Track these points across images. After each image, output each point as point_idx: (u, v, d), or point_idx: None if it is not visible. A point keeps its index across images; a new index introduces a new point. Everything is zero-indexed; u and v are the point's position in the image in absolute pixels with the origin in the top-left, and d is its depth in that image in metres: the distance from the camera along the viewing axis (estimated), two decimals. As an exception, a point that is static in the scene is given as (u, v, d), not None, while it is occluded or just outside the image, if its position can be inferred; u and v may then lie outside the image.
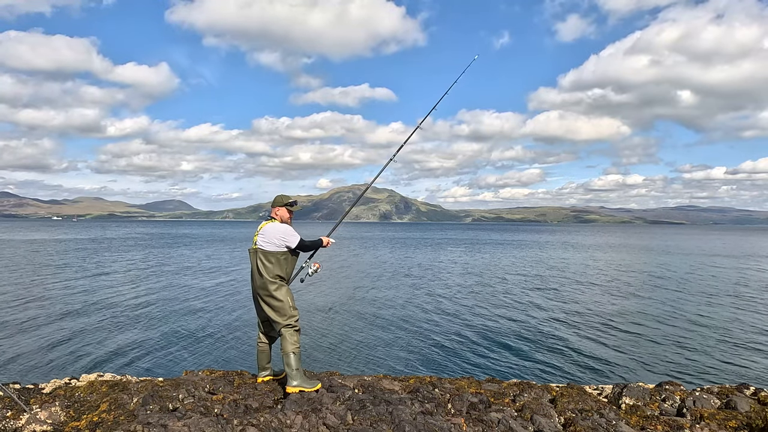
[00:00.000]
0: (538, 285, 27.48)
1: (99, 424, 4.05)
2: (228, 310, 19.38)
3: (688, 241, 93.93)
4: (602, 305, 20.95)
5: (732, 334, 15.75)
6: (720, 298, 23.08)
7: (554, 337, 15.23)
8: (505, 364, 12.60)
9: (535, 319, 17.93)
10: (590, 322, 17.52)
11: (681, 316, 18.73)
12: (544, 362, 12.78)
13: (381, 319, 17.96)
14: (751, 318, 18.28)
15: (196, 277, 30.22)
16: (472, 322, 17.42)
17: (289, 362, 4.76)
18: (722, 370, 12.12)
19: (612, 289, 25.76)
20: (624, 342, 14.77)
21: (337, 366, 12.03)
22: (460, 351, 13.77)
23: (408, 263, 41.32)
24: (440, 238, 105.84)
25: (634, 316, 18.65)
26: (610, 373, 11.90)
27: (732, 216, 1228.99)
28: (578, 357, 13.23)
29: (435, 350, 13.87)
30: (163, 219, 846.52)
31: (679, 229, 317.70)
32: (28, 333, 15.03)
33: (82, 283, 26.17)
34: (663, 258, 48.51)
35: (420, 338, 15.18)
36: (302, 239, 5.06)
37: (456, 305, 20.92)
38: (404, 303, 21.36)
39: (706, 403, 4.49)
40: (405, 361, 12.90)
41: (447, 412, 4.36)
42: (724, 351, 13.79)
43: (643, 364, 12.58)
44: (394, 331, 16.01)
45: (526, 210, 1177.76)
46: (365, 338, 15.15)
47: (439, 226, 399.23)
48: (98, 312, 18.51)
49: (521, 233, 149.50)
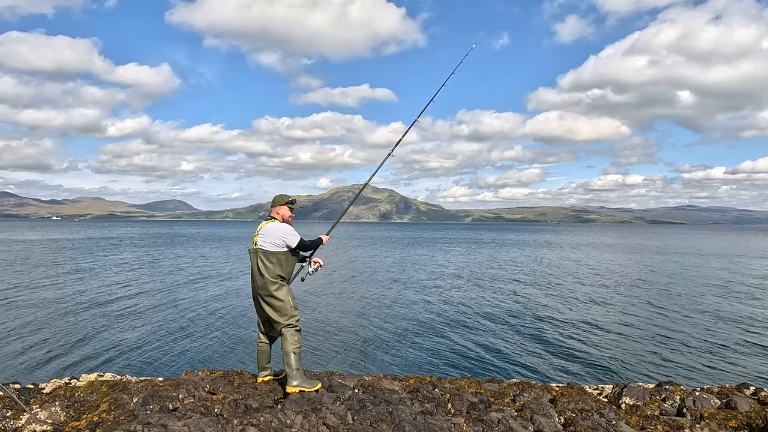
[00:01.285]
0: (538, 285, 27.47)
1: (99, 424, 4.05)
2: (228, 309, 19.37)
3: (688, 241, 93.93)
4: (602, 305, 20.95)
5: (732, 333, 15.75)
6: (720, 298, 23.08)
7: (554, 337, 15.23)
8: (505, 364, 12.60)
9: (534, 319, 17.92)
10: (590, 322, 17.52)
11: (681, 315, 18.73)
12: (544, 362, 12.78)
13: (381, 319, 17.96)
14: (751, 318, 18.28)
15: (196, 276, 30.21)
16: (472, 322, 17.42)
17: (289, 362, 4.75)
18: (722, 370, 12.11)
19: (612, 289, 25.75)
20: (624, 342, 14.77)
21: (337, 366, 12.03)
22: (460, 351, 13.77)
23: (408, 263, 41.32)
24: (440, 238, 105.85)
25: (634, 316, 18.65)
26: (610, 373, 11.90)
27: (732, 216, 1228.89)
28: (578, 357, 13.23)
29: (435, 350, 13.87)
30: (163, 219, 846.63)
31: (679, 229, 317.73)
32: (28, 333, 15.03)
33: (81, 283, 26.17)
34: (663, 258, 48.50)
35: (420, 338, 15.17)
36: (302, 239, 5.05)
37: (456, 305, 20.92)
38: (404, 303, 21.36)
39: (706, 403, 4.49)
40: (405, 361, 12.90)
41: (447, 412, 4.36)
42: (724, 351, 13.79)
43: (643, 364, 12.58)
44: (394, 331, 16.00)
45: (526, 210, 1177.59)
46: (365, 338, 15.15)
47: (439, 226, 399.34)
48: (98, 312, 18.51)
49: (521, 233, 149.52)
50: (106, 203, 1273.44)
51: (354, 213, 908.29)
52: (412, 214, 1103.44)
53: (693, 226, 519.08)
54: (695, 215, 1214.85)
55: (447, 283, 28.38)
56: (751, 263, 42.90)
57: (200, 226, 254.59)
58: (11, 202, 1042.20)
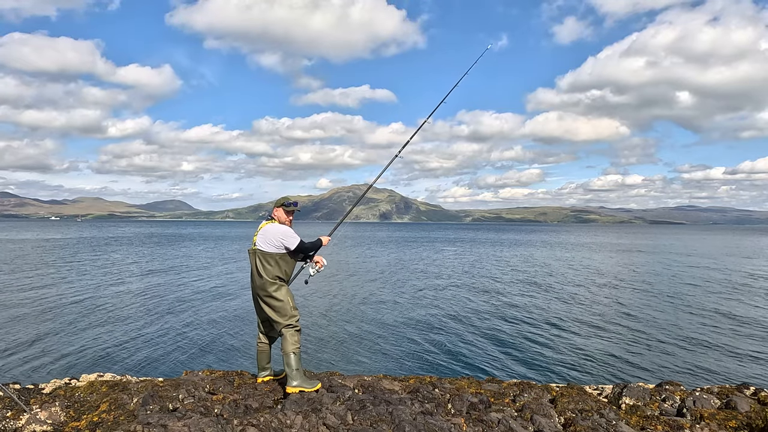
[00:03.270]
0: (537, 284, 27.47)
1: (99, 424, 4.05)
2: (228, 309, 19.37)
3: (688, 241, 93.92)
4: (602, 305, 20.95)
5: (732, 334, 15.75)
6: (720, 298, 23.08)
7: (554, 337, 15.23)
8: (505, 364, 12.60)
9: (535, 319, 17.92)
10: (590, 322, 17.52)
11: (681, 315, 18.73)
12: (544, 362, 12.78)
13: (381, 319, 17.96)
14: (751, 318, 18.27)
15: (195, 276, 30.21)
16: (472, 322, 17.42)
17: (289, 362, 4.75)
18: (722, 370, 12.11)
19: (612, 289, 25.75)
20: (624, 342, 14.77)
21: (337, 366, 12.03)
22: (460, 351, 13.77)
23: (407, 263, 41.32)
24: (440, 237, 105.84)
25: (633, 316, 18.65)
26: (610, 373, 11.90)
27: (732, 216, 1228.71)
28: (578, 357, 13.23)
29: (435, 350, 13.87)
30: (163, 219, 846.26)
31: (679, 229, 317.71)
32: (28, 333, 15.03)
33: (81, 283, 26.16)
34: (663, 258, 48.49)
35: (420, 338, 15.17)
36: (302, 241, 4.96)
37: (456, 305, 20.92)
38: (404, 303, 21.36)
39: (706, 403, 4.49)
40: (405, 361, 12.90)
41: (447, 412, 4.36)
42: (724, 351, 13.79)
43: (643, 364, 12.58)
44: (394, 331, 16.00)
45: (526, 210, 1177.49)
46: (365, 338, 15.15)
47: (438, 226, 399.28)
48: (98, 312, 18.51)
49: (521, 233, 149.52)
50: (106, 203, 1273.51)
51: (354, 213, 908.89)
52: (412, 214, 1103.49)
53: (693, 226, 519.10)
54: (695, 215, 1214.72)
55: (445, 282, 28.38)
56: (752, 263, 42.90)
57: (200, 226, 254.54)
58: (11, 202, 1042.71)
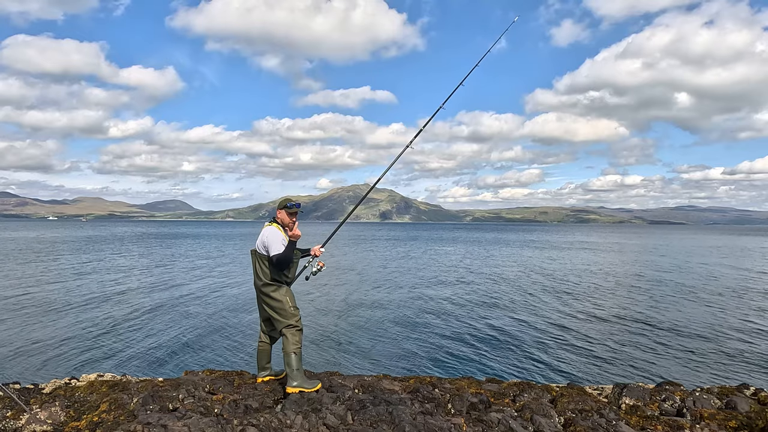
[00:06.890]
0: (537, 284, 27.46)
1: (99, 424, 4.05)
2: (228, 309, 19.37)
3: (688, 241, 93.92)
4: (602, 305, 20.94)
5: (732, 334, 15.75)
6: (720, 298, 23.07)
7: (554, 337, 15.23)
8: (505, 364, 12.59)
9: (535, 319, 17.92)
10: (590, 322, 17.52)
11: (681, 316, 18.72)
12: (544, 362, 12.78)
13: (381, 319, 17.96)
14: (751, 318, 18.27)
15: (195, 276, 30.21)
16: (472, 322, 17.42)
17: (289, 362, 4.76)
18: (722, 370, 12.11)
19: (611, 289, 25.75)
20: (624, 342, 14.76)
21: (337, 366, 12.03)
22: (460, 351, 13.76)
23: (407, 263, 41.31)
24: (439, 237, 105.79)
25: (633, 316, 18.64)
26: (610, 373, 11.89)
27: (732, 216, 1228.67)
28: (578, 357, 13.23)
29: (435, 350, 13.86)
30: (164, 219, 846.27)
31: (679, 229, 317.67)
32: (28, 333, 15.02)
33: (81, 283, 26.16)
34: (662, 258, 48.49)
35: (420, 338, 15.17)
36: (281, 255, 4.74)
37: (456, 305, 20.92)
38: (404, 303, 21.36)
39: (706, 403, 4.49)
40: (405, 361, 12.89)
41: (447, 412, 4.36)
42: (724, 351, 13.78)
43: (643, 364, 12.57)
44: (394, 331, 16.00)
45: (525, 210, 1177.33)
46: (365, 338, 15.14)
47: (438, 225, 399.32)
48: (98, 312, 18.50)
49: (521, 233, 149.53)
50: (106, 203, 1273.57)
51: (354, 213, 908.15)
52: (412, 214, 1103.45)
53: (693, 226, 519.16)
54: (695, 215, 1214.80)
55: (445, 282, 28.37)
56: (752, 264, 42.89)
57: (200, 225, 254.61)
58: (12, 202, 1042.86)
